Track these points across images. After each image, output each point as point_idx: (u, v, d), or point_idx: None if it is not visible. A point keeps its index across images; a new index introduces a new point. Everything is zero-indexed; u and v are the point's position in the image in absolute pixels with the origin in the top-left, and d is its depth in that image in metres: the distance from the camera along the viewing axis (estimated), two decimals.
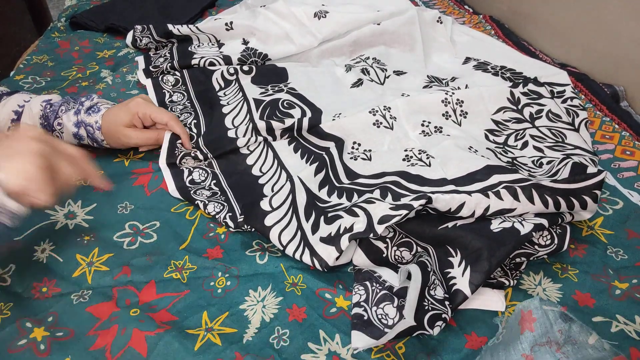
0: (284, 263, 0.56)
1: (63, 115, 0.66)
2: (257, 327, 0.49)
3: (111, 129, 0.66)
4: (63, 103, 0.68)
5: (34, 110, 0.67)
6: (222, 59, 0.89)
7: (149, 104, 0.69)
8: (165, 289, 0.53)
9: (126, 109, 0.67)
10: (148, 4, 1.13)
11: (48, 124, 0.66)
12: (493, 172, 0.60)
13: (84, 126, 0.65)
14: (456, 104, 0.75)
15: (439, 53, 0.96)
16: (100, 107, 0.68)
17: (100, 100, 0.69)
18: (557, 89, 0.80)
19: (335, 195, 0.62)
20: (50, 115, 0.66)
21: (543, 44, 1.03)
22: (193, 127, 0.75)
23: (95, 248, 0.56)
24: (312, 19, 0.94)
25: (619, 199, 0.65)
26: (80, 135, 0.67)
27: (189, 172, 0.67)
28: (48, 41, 1.00)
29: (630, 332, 0.49)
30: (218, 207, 0.62)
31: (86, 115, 0.66)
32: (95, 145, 0.68)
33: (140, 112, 0.67)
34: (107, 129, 0.66)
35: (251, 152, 0.70)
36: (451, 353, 0.47)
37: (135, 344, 0.47)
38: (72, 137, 0.67)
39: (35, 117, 0.66)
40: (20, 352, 0.46)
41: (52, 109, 0.67)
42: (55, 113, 0.66)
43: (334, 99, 0.81)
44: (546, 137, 0.72)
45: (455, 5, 1.21)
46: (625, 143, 0.75)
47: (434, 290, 0.51)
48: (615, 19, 0.85)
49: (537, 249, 0.54)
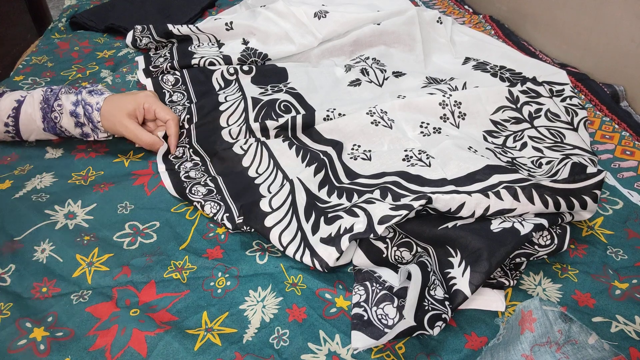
0: (284, 263, 0.56)
1: (62, 95, 0.67)
2: (257, 327, 0.49)
3: (112, 113, 0.67)
4: (64, 87, 0.69)
5: (36, 96, 0.68)
6: (222, 58, 0.89)
7: (157, 99, 0.71)
8: (165, 289, 0.53)
9: (134, 98, 0.68)
10: (148, 4, 1.13)
11: (48, 105, 0.67)
12: (493, 172, 0.60)
13: (83, 105, 0.66)
14: (454, 106, 0.75)
15: (438, 53, 0.96)
16: (104, 92, 0.69)
17: (103, 88, 0.71)
18: (556, 88, 0.80)
19: (335, 196, 0.62)
20: (51, 97, 0.67)
21: (543, 44, 1.03)
22: (186, 122, 0.75)
23: (95, 248, 0.56)
24: (312, 18, 0.94)
25: (619, 199, 0.65)
26: (77, 113, 0.67)
27: (185, 171, 0.67)
28: (48, 41, 1.00)
29: (630, 332, 0.49)
30: (215, 207, 0.62)
31: (88, 95, 0.67)
32: (91, 126, 0.68)
33: (147, 104, 0.68)
34: (108, 112, 0.67)
35: (245, 152, 0.70)
36: (451, 353, 0.47)
37: (135, 344, 0.47)
38: (69, 117, 0.67)
39: (36, 102, 0.67)
40: (20, 352, 0.46)
41: (52, 92, 0.68)
42: (55, 95, 0.67)
43: (330, 97, 0.81)
44: (545, 138, 0.72)
45: (455, 5, 1.21)
46: (625, 143, 0.75)
47: (434, 290, 0.51)
48: (615, 19, 0.85)
49: (537, 249, 0.54)
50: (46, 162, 0.69)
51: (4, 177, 0.66)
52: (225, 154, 0.70)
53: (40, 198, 0.63)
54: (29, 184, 0.65)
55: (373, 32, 0.93)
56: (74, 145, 0.72)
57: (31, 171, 0.67)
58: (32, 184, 0.65)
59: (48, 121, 0.67)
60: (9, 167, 0.68)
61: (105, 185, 0.65)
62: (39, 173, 0.67)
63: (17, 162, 0.69)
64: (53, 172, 0.67)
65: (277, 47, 0.93)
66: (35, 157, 0.70)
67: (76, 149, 0.72)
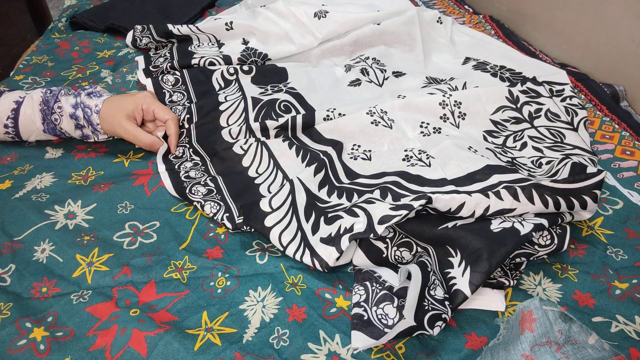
0: (284, 263, 0.56)
1: (62, 97, 0.67)
2: (257, 327, 0.49)
3: (111, 115, 0.67)
4: (63, 89, 0.69)
5: (35, 97, 0.67)
6: (222, 58, 0.89)
7: (155, 99, 0.71)
8: (165, 289, 0.53)
9: (132, 99, 0.68)
10: (148, 4, 1.13)
11: (48, 107, 0.67)
12: (493, 172, 0.60)
13: (82, 107, 0.66)
14: (454, 106, 0.75)
15: (439, 53, 0.96)
16: (102, 94, 0.69)
17: (102, 90, 0.71)
18: (556, 88, 0.80)
19: (335, 195, 0.62)
20: (50, 99, 0.67)
21: (543, 44, 1.03)
22: (186, 122, 0.75)
23: (95, 248, 0.56)
24: (312, 18, 0.94)
25: (619, 199, 0.65)
26: (76, 116, 0.67)
27: (185, 171, 0.67)
28: (48, 41, 1.00)
29: (630, 332, 0.49)
30: (215, 207, 0.62)
31: (87, 97, 0.67)
32: (90, 128, 0.68)
33: (145, 104, 0.68)
34: (106, 114, 0.67)
35: (245, 152, 0.70)
36: (451, 353, 0.47)
37: (135, 344, 0.47)
38: (69, 119, 0.67)
39: (36, 104, 0.67)
40: (20, 352, 0.46)
41: (52, 94, 0.68)
42: (55, 97, 0.67)
43: (330, 97, 0.81)
44: (545, 138, 0.72)
45: (455, 5, 1.21)
46: (625, 143, 0.75)
47: (434, 290, 0.51)
48: (615, 19, 0.85)
49: (537, 249, 0.54)
50: (46, 162, 0.69)
51: (4, 177, 0.66)
52: (225, 153, 0.70)
53: (40, 198, 0.63)
54: (29, 184, 0.65)
55: (373, 32, 0.93)
56: (73, 145, 0.72)
57: (31, 171, 0.67)
58: (32, 184, 0.65)
59: (48, 123, 0.67)
60: (8, 167, 0.68)
61: (105, 185, 0.65)
62: (39, 173, 0.67)
63: (17, 162, 0.69)
64: (53, 172, 0.67)
65: (277, 47, 0.93)
66: (35, 157, 0.70)
67: (76, 149, 0.72)
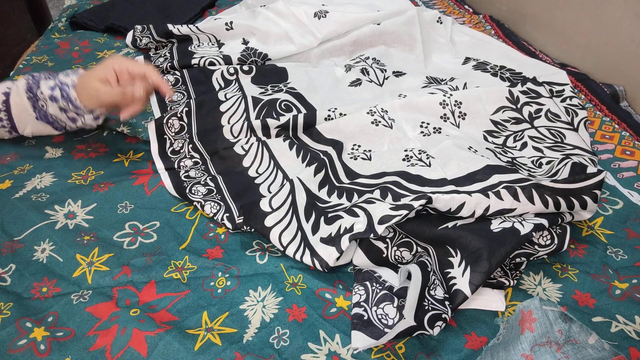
0: (284, 263, 0.56)
1: (42, 82, 0.67)
2: (257, 327, 0.49)
3: (86, 83, 0.66)
4: (43, 73, 0.68)
5: (20, 86, 0.67)
6: (222, 58, 0.89)
7: (126, 58, 0.68)
8: (165, 289, 0.53)
9: (102, 64, 0.67)
10: (148, 4, 1.13)
11: (33, 94, 0.67)
12: (493, 172, 0.60)
13: (60, 86, 0.66)
14: (454, 106, 0.75)
15: (439, 53, 0.96)
16: (79, 71, 0.68)
17: (81, 69, 0.70)
18: (556, 88, 0.80)
19: (335, 195, 0.62)
20: (33, 85, 0.67)
21: (543, 44, 1.03)
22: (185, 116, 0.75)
23: (95, 248, 0.56)
24: (312, 18, 0.94)
25: (619, 199, 0.65)
26: (54, 97, 0.66)
27: (185, 170, 0.67)
28: (48, 41, 0.99)
29: (630, 332, 0.49)
30: (215, 207, 0.62)
31: (64, 76, 0.67)
32: (72, 107, 0.67)
33: (116, 65, 0.66)
34: (81, 85, 0.66)
35: (246, 152, 0.70)
36: (451, 353, 0.47)
37: (135, 344, 0.47)
38: (49, 102, 0.67)
39: (22, 92, 0.67)
40: (20, 352, 0.46)
41: (34, 80, 0.67)
42: (37, 83, 0.67)
43: (331, 97, 0.81)
44: (545, 138, 0.72)
45: (455, 5, 1.21)
46: (625, 143, 0.75)
47: (434, 290, 0.51)
48: (615, 19, 0.85)
49: (537, 249, 0.54)
50: (46, 161, 0.69)
51: (4, 177, 0.66)
52: (225, 153, 0.70)
53: (40, 198, 0.63)
54: (28, 183, 0.65)
55: (373, 32, 0.93)
56: (73, 145, 0.72)
57: (31, 171, 0.67)
58: (32, 183, 0.65)
59: (39, 110, 0.67)
60: (8, 166, 0.68)
61: (105, 185, 0.65)
62: (39, 173, 0.67)
63: (16, 162, 0.69)
64: (53, 172, 0.67)
65: (277, 47, 0.93)
66: (35, 157, 0.70)
67: (76, 148, 0.72)
